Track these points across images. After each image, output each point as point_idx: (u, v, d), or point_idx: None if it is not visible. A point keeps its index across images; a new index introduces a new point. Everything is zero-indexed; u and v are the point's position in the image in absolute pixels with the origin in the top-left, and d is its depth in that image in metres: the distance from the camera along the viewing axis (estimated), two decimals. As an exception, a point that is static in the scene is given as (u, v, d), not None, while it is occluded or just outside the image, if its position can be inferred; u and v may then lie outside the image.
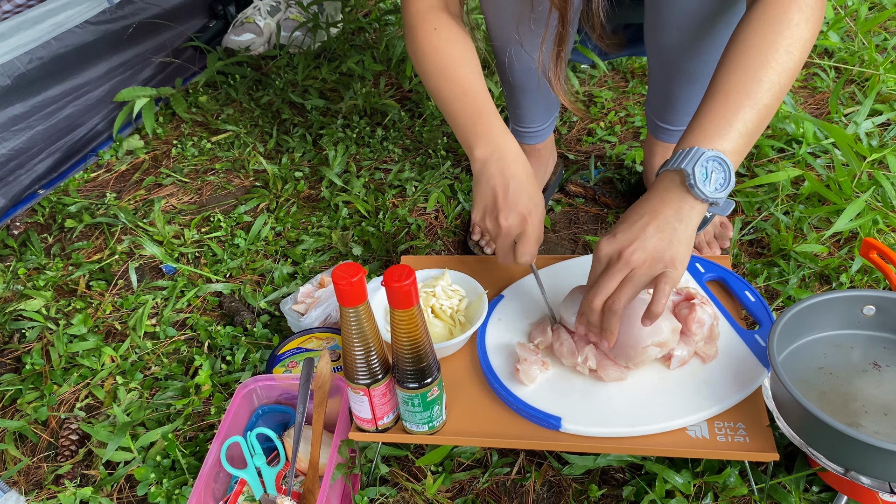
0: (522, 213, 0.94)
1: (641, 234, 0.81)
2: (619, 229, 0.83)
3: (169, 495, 0.99)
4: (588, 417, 0.87)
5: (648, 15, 1.08)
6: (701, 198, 0.80)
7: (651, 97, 1.25)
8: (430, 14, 1.04)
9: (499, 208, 0.94)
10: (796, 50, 0.83)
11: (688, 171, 0.79)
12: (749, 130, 0.82)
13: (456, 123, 1.01)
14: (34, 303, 1.34)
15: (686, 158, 0.80)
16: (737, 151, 0.81)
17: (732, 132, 0.81)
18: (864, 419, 0.81)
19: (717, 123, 0.81)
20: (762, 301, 0.98)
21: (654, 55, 1.15)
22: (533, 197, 0.95)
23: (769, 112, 0.83)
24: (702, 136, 0.81)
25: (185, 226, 1.52)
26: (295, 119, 1.79)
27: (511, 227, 0.94)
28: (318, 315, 1.16)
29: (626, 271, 0.81)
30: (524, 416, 0.90)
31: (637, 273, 0.81)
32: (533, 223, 0.94)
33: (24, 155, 1.59)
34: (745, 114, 0.81)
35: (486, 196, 0.96)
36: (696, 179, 0.79)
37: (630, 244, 0.81)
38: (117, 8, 1.73)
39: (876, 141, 1.44)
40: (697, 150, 0.80)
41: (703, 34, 1.04)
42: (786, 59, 0.82)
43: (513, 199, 0.94)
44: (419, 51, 1.04)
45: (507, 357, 0.97)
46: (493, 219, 0.96)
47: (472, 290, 1.05)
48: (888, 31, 1.80)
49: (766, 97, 0.82)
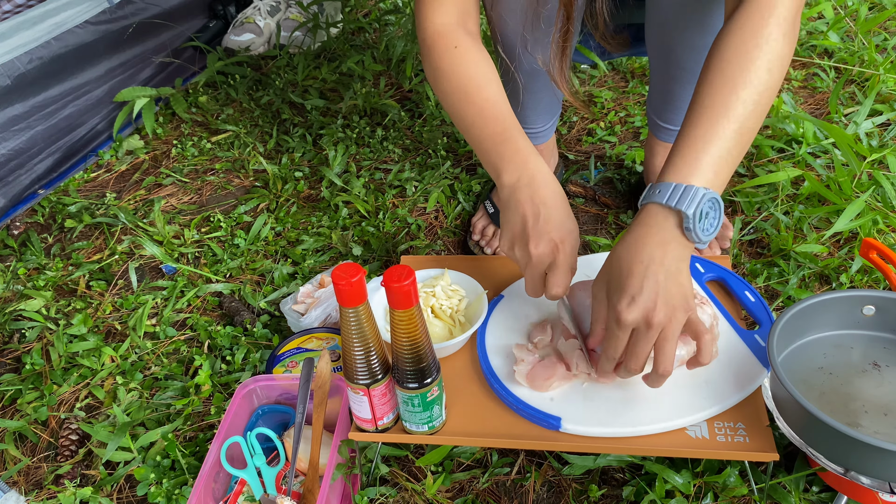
0: (554, 241, 0.86)
1: (659, 291, 0.77)
2: (631, 288, 0.77)
3: (169, 495, 0.99)
4: (588, 418, 0.87)
5: (650, 14, 1.08)
6: (694, 241, 0.79)
7: (652, 96, 1.25)
8: (449, 32, 0.99)
9: (528, 236, 0.87)
10: (776, 68, 0.81)
11: (686, 214, 0.77)
12: (734, 157, 0.81)
13: (480, 147, 0.95)
14: (34, 303, 1.34)
15: (681, 198, 0.77)
16: (723, 183, 0.80)
17: (720, 163, 0.79)
18: (864, 419, 0.81)
19: (704, 152, 0.79)
20: (762, 301, 0.98)
21: (655, 54, 1.15)
22: (565, 223, 0.88)
23: (753, 135, 0.82)
24: (693, 166, 0.79)
25: (185, 226, 1.52)
26: (295, 119, 1.79)
27: (542, 256, 0.87)
28: (318, 315, 1.17)
29: (657, 333, 0.78)
30: (524, 416, 0.90)
31: (668, 331, 0.77)
32: (565, 252, 0.87)
33: (23, 155, 1.59)
34: (730, 141, 0.80)
35: (514, 224, 0.89)
36: (694, 224, 0.77)
37: (654, 306, 0.77)
38: (117, 8, 1.73)
39: (876, 141, 1.44)
40: (694, 189, 0.77)
41: (704, 32, 1.03)
42: (766, 78, 0.81)
43: (543, 226, 0.87)
44: (438, 70, 0.98)
45: (506, 357, 0.97)
46: (523, 247, 0.88)
47: (472, 290, 1.05)
48: (888, 31, 1.80)
49: (750, 121, 0.80)
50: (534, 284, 0.90)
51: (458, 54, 0.97)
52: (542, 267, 0.88)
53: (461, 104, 0.96)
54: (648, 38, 1.13)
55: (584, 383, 0.92)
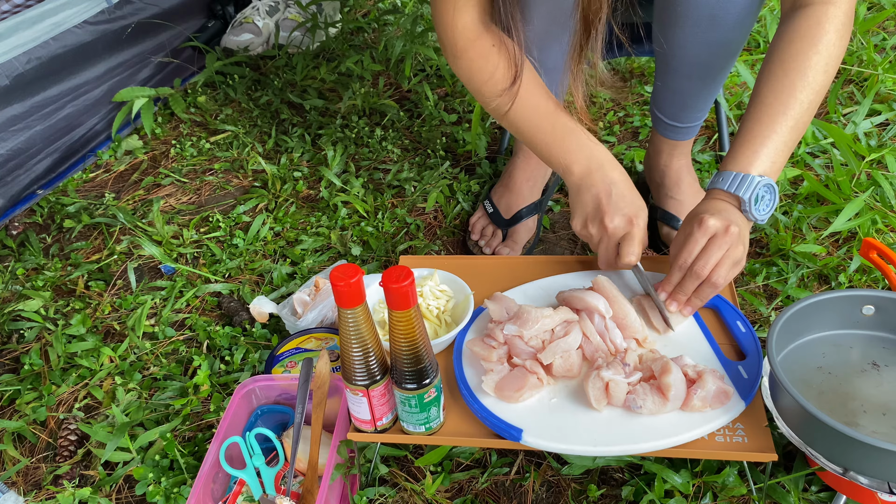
0: (628, 216, 0.96)
1: (734, 217, 0.90)
2: (710, 211, 0.91)
3: (167, 495, 0.99)
4: (550, 433, 0.85)
5: (659, 11, 1.07)
6: (752, 220, 0.92)
7: (659, 95, 1.23)
8: (481, 32, 1.00)
9: (603, 212, 0.96)
10: (831, 68, 0.92)
11: (743, 199, 0.90)
12: (789, 147, 0.92)
13: (545, 143, 1.01)
14: (33, 303, 1.34)
15: (740, 185, 0.90)
16: (779, 169, 0.93)
17: (777, 154, 0.91)
18: (863, 419, 0.81)
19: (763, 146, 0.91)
20: (753, 332, 0.94)
21: (664, 52, 1.13)
22: (636, 200, 0.97)
23: (806, 126, 0.93)
24: (751, 158, 0.91)
25: (184, 226, 1.51)
26: (294, 119, 1.79)
27: (617, 229, 0.96)
28: (315, 317, 1.16)
29: (729, 244, 0.89)
30: (486, 425, 0.88)
31: (733, 252, 0.89)
32: (639, 225, 0.96)
33: (22, 155, 1.59)
34: (786, 135, 0.91)
35: (587, 203, 0.98)
36: (750, 206, 0.90)
37: (730, 224, 0.89)
38: (116, 8, 1.72)
39: (874, 141, 1.44)
40: (751, 178, 0.90)
41: (715, 27, 1.02)
42: (822, 79, 0.91)
43: (617, 202, 0.96)
44: (483, 71, 1.00)
45: (479, 363, 0.94)
46: (598, 223, 0.97)
47: (459, 291, 1.05)
48: (887, 31, 1.80)
49: (805, 116, 0.92)
50: (608, 256, 0.99)
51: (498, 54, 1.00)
52: (616, 239, 0.97)
53: (514, 107, 1.01)
54: (656, 35, 1.11)
55: (553, 398, 0.90)
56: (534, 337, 0.92)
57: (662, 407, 0.85)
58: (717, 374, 0.87)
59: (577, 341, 0.91)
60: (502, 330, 0.92)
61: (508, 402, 0.89)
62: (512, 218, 1.34)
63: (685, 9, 1.02)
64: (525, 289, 1.06)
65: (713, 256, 0.90)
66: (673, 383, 0.84)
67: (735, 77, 1.66)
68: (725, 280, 0.90)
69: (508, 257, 1.24)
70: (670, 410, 0.85)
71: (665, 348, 0.94)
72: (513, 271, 1.11)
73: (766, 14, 1.80)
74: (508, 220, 1.34)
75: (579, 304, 0.96)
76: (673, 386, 0.84)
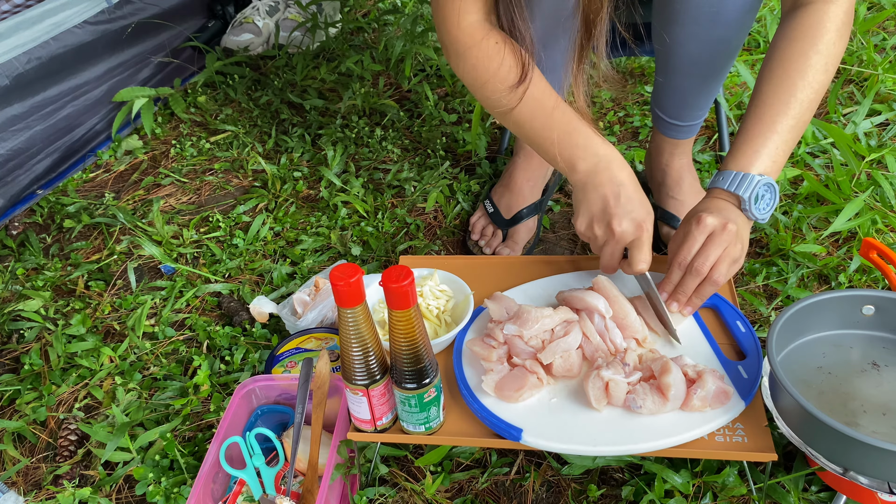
0: (637, 220, 0.92)
1: (733, 215, 0.91)
2: (708, 210, 0.91)
3: (167, 494, 0.99)
4: (550, 432, 0.85)
5: (659, 9, 1.07)
6: (752, 218, 0.92)
7: (660, 94, 1.23)
8: (487, 31, 0.98)
9: (611, 214, 0.92)
10: (831, 67, 0.92)
11: (743, 198, 0.90)
12: (789, 145, 0.93)
13: (549, 139, 0.97)
14: (33, 303, 1.34)
15: (740, 184, 0.91)
16: (780, 168, 0.93)
17: (777, 152, 0.91)
18: (863, 419, 0.81)
19: (763, 145, 0.91)
20: (752, 332, 0.94)
21: (664, 50, 1.13)
22: (644, 203, 0.94)
23: (807, 124, 0.94)
24: (752, 157, 0.91)
25: (184, 226, 1.51)
26: (294, 119, 1.79)
27: (625, 233, 0.93)
28: (315, 317, 1.16)
29: (727, 242, 0.89)
30: (486, 425, 0.89)
31: (731, 250, 0.90)
32: (648, 230, 0.94)
33: (22, 155, 1.59)
34: (786, 134, 0.91)
35: (593, 204, 0.94)
36: (750, 205, 0.91)
37: (729, 221, 0.90)
38: (116, 8, 1.72)
39: (874, 141, 1.44)
40: (751, 177, 0.90)
41: (716, 25, 1.03)
42: (822, 78, 0.91)
43: (625, 204, 0.92)
44: (488, 71, 0.98)
45: (479, 363, 0.94)
46: (605, 225, 0.93)
47: (458, 291, 1.05)
48: (887, 30, 1.80)
49: (805, 115, 0.92)
50: (612, 260, 0.97)
51: (504, 51, 0.98)
52: (623, 243, 0.94)
53: (520, 104, 0.98)
54: (656, 34, 1.11)
55: (553, 398, 0.90)
56: (534, 337, 0.92)
57: (662, 407, 0.85)
58: (717, 373, 0.87)
59: (576, 341, 0.91)
60: (502, 330, 0.93)
61: (508, 402, 0.89)
62: (512, 218, 1.34)
63: (685, 6, 1.02)
64: (525, 289, 1.06)
65: (712, 254, 0.90)
66: (673, 383, 0.84)
67: (735, 77, 1.66)
68: (725, 277, 0.90)
69: (508, 257, 1.24)
70: (670, 410, 0.85)
71: (665, 348, 0.95)
72: (513, 271, 1.11)
73: (766, 14, 1.80)
74: (509, 220, 1.34)
75: (579, 303, 0.96)
76: (673, 386, 0.84)
